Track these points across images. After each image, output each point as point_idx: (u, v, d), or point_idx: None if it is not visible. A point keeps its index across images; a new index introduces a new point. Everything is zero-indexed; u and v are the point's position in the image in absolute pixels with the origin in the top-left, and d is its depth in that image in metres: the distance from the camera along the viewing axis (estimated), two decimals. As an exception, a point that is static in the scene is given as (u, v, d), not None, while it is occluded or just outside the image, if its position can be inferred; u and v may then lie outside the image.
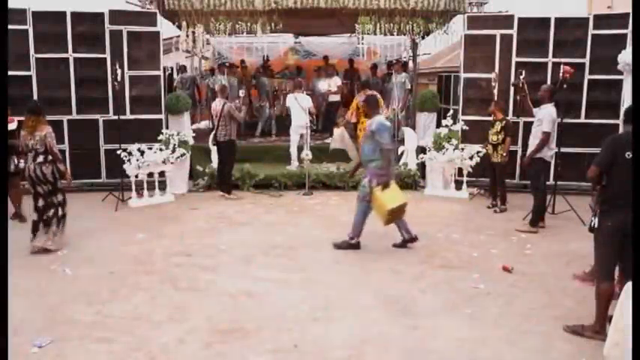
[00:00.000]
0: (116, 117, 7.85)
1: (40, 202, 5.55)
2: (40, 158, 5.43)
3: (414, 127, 9.53)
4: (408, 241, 5.66)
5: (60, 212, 5.64)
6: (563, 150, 7.10)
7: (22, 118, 5.79)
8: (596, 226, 3.73)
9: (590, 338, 3.71)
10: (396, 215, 5.42)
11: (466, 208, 7.58)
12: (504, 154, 7.25)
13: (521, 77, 6.92)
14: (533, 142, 6.40)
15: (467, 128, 8.31)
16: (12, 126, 6.71)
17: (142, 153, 7.58)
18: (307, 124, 8.85)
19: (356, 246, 5.63)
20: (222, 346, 3.58)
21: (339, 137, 9.00)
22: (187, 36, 8.96)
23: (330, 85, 10.79)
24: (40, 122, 5.51)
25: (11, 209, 6.65)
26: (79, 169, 8.29)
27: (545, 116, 6.25)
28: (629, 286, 3.04)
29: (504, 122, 7.31)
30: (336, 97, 11.15)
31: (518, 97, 7.53)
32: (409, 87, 10.29)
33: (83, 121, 8.19)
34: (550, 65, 8.14)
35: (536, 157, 6.35)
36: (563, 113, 6.90)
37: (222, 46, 12.88)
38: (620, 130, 7.72)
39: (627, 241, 3.43)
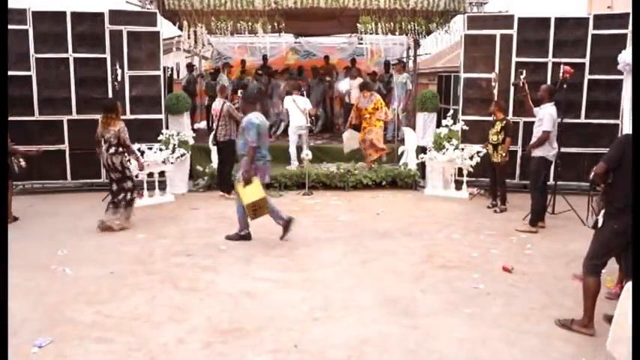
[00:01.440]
0: (116, 117, 7.84)
1: (114, 187, 6.34)
2: (112, 150, 6.19)
3: (414, 127, 9.53)
4: (285, 226, 5.87)
5: (128, 197, 6.36)
6: (563, 150, 7.08)
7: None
8: (600, 224, 3.72)
9: (577, 332, 3.75)
10: (259, 211, 5.65)
11: (466, 208, 7.58)
12: (504, 154, 7.25)
13: (522, 77, 6.91)
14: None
15: (467, 128, 8.31)
16: None
17: (142, 153, 7.58)
18: (306, 125, 8.85)
19: (247, 237, 5.87)
20: (222, 346, 3.58)
21: (348, 139, 8.98)
22: (189, 36, 8.96)
23: (352, 85, 10.69)
24: (114, 119, 6.22)
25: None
26: (79, 169, 8.33)
27: (546, 115, 6.26)
28: (629, 286, 3.05)
29: (504, 122, 7.31)
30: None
31: (519, 97, 7.54)
32: (411, 87, 10.28)
33: (83, 121, 8.17)
34: (550, 65, 8.14)
35: (538, 156, 6.35)
36: (563, 113, 6.90)
37: (222, 46, 12.89)
38: (620, 130, 7.75)
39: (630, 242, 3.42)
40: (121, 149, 6.24)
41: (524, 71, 7.04)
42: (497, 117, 7.38)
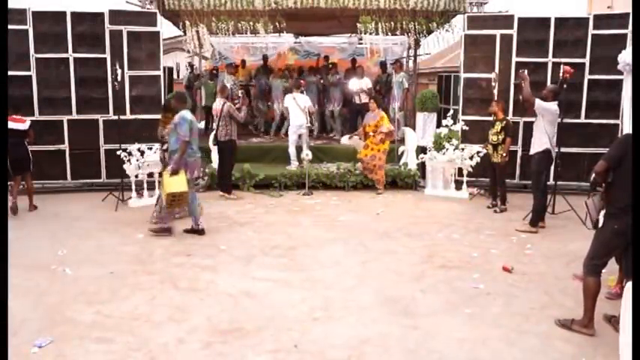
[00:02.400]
0: (116, 117, 7.85)
1: None
2: (165, 146, 6.41)
3: (414, 127, 9.52)
4: (194, 230, 6.11)
5: None
6: (563, 150, 7.10)
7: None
8: (600, 225, 3.72)
9: (577, 332, 3.75)
10: (177, 202, 5.94)
11: (466, 208, 7.58)
12: (504, 155, 7.25)
13: (525, 73, 6.84)
14: (535, 138, 6.40)
15: (467, 128, 8.32)
16: (24, 126, 7.03)
17: (142, 153, 7.59)
18: (306, 125, 8.84)
19: (201, 232, 6.07)
20: (222, 346, 3.58)
21: (350, 142, 8.89)
22: (192, 37, 8.96)
23: (360, 85, 10.65)
24: (170, 118, 6.34)
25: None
26: (79, 169, 8.33)
27: (550, 109, 6.25)
28: (629, 286, 3.04)
29: (505, 122, 7.31)
30: (367, 100, 10.93)
31: (520, 97, 7.52)
32: (406, 86, 10.27)
33: (83, 121, 8.19)
34: (550, 65, 8.15)
35: (542, 150, 6.33)
36: (563, 113, 6.90)
37: (222, 46, 12.89)
38: (620, 130, 7.75)
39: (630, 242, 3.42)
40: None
41: (526, 71, 7.03)
42: (498, 117, 7.38)
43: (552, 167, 7.24)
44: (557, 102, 6.42)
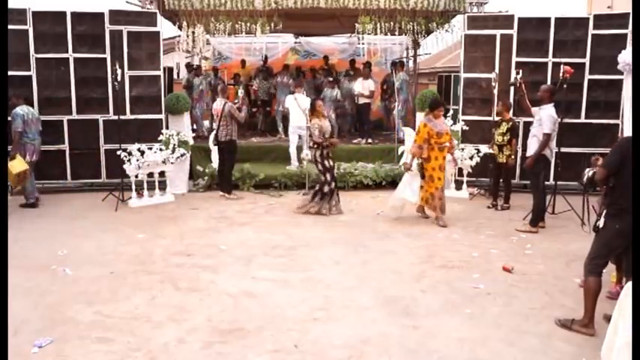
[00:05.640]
0: (116, 117, 7.84)
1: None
2: (311, 143, 7.08)
3: (414, 128, 9.50)
4: (29, 204, 7.26)
5: (317, 187, 7.11)
6: (563, 150, 7.10)
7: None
8: (601, 226, 3.72)
9: (577, 332, 3.76)
10: (20, 180, 7.02)
11: (466, 208, 7.58)
12: (511, 156, 7.24)
13: (519, 77, 6.91)
14: (532, 141, 6.40)
15: (467, 128, 8.32)
16: None
17: (142, 153, 7.58)
18: (306, 125, 8.83)
19: (34, 204, 7.27)
20: (222, 346, 3.58)
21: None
22: (187, 36, 8.98)
23: (363, 86, 10.66)
24: (311, 116, 7.09)
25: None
26: (79, 169, 8.33)
27: (546, 117, 6.25)
28: (629, 286, 3.04)
29: (511, 123, 7.29)
30: (367, 100, 10.90)
31: (516, 97, 7.54)
32: (398, 85, 10.27)
33: (83, 121, 8.19)
34: (550, 65, 8.15)
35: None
36: (563, 113, 6.90)
37: (222, 46, 12.89)
38: (620, 130, 7.75)
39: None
40: (312, 144, 7.01)
41: (521, 71, 7.03)
42: (504, 117, 7.35)
43: (551, 167, 7.25)
44: (555, 102, 6.41)
